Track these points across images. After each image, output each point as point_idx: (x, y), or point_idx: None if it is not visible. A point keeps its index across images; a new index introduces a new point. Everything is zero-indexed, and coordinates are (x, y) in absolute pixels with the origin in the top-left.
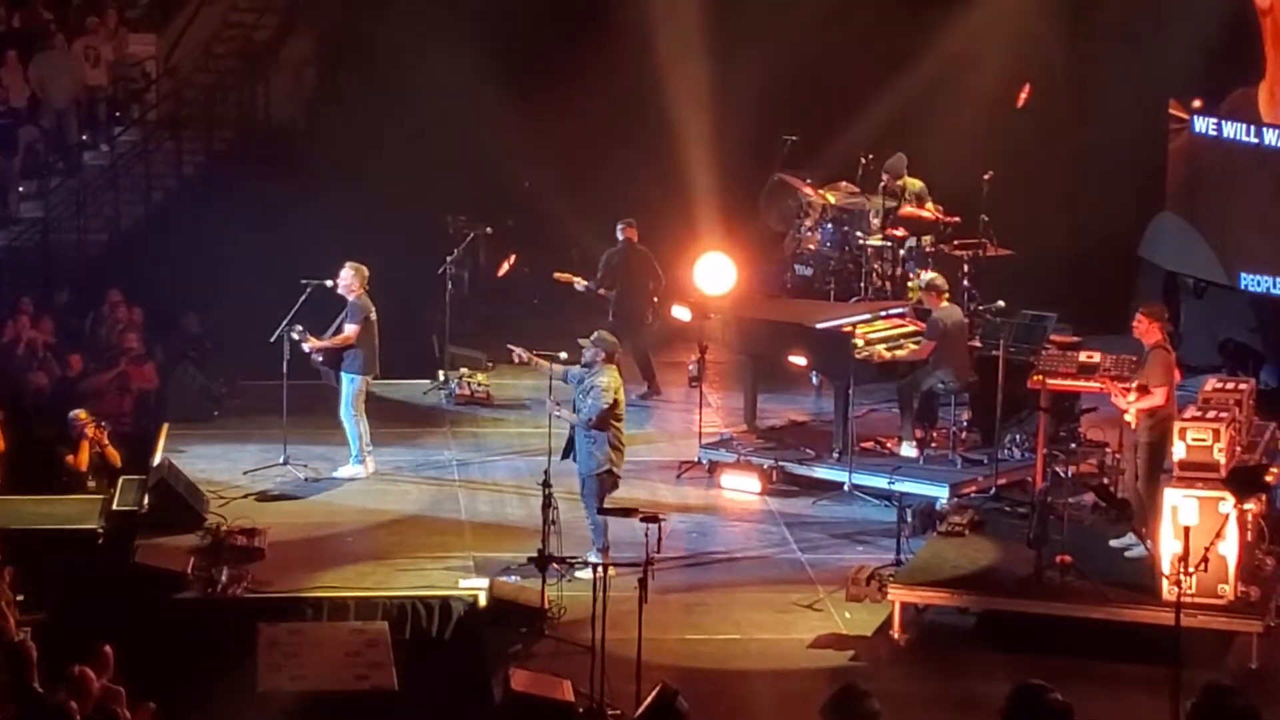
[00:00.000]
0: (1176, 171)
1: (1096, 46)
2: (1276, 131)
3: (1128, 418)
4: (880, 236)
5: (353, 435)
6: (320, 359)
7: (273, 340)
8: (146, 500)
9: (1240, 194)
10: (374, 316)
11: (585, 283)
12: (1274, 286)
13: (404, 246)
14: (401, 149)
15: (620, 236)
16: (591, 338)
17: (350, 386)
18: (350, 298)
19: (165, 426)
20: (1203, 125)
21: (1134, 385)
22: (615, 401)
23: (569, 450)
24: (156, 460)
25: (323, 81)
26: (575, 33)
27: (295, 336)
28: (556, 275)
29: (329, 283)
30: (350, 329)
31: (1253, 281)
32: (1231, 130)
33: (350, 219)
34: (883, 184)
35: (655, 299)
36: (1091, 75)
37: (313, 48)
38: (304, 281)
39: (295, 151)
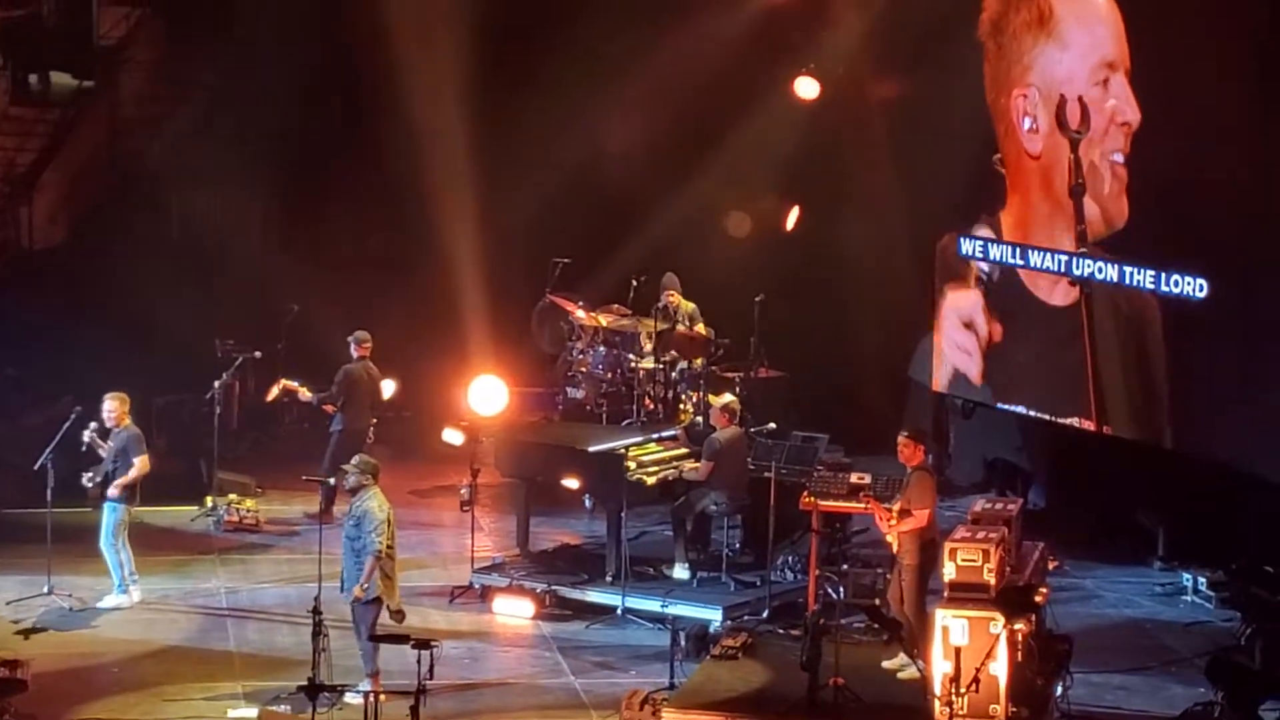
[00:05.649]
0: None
1: (865, 168)
2: (1042, 254)
3: (889, 538)
4: (653, 359)
5: (114, 565)
6: (100, 487)
7: (36, 468)
8: None
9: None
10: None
11: (311, 395)
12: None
13: (171, 371)
14: (169, 273)
15: (354, 352)
16: (354, 461)
17: (112, 515)
18: (119, 429)
19: None
20: (969, 247)
21: (896, 508)
22: (386, 522)
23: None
24: None
25: (87, 206)
26: (344, 155)
27: (85, 483)
28: (283, 382)
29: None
30: (139, 460)
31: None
32: (997, 252)
33: (116, 343)
34: (659, 304)
35: (375, 421)
36: (860, 197)
37: (77, 173)
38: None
39: (58, 276)
